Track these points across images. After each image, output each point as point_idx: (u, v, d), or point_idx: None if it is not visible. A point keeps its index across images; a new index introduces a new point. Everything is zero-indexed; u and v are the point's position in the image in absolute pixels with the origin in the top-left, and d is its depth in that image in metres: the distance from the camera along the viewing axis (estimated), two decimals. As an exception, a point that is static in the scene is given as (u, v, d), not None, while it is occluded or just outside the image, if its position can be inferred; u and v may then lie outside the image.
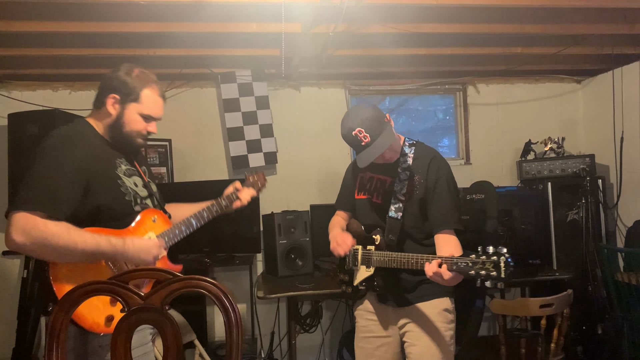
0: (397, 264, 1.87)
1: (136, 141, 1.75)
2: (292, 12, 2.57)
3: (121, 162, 1.73)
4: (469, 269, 1.57)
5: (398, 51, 3.27)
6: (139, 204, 1.73)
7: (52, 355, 1.29)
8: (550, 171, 3.65)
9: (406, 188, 1.97)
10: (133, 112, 1.71)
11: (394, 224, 1.97)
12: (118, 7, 2.56)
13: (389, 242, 1.96)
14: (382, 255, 1.94)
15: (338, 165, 3.87)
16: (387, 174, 2.04)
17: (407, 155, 2.02)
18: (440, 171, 1.96)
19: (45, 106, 3.43)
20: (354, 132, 1.84)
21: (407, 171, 1.99)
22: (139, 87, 1.71)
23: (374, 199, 2.08)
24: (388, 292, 2.04)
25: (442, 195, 1.93)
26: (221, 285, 1.30)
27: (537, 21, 2.94)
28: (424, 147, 2.07)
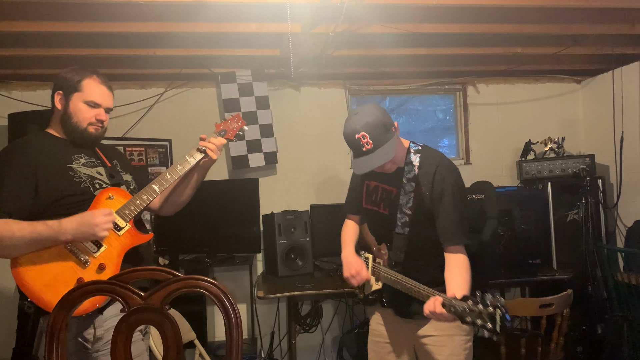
0: (401, 287, 1.81)
1: (88, 130, 1.80)
2: (292, 12, 2.57)
3: (80, 157, 1.81)
4: (465, 315, 1.51)
5: (398, 51, 3.27)
6: (100, 189, 1.78)
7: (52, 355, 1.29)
8: (550, 171, 3.65)
9: (412, 201, 1.86)
10: (77, 102, 1.78)
11: (400, 241, 1.88)
12: (118, 7, 2.56)
13: (397, 259, 1.88)
14: (388, 274, 1.89)
15: (338, 166, 3.89)
16: (393, 185, 1.93)
17: (413, 163, 1.90)
18: (446, 181, 1.84)
19: (45, 106, 3.43)
20: (357, 136, 1.75)
21: (413, 182, 1.87)
22: (78, 78, 1.79)
23: (380, 209, 1.98)
24: (399, 308, 1.95)
25: (447, 208, 1.82)
26: (221, 285, 1.30)
27: (537, 21, 2.94)
28: (430, 154, 1.94)
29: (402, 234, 1.87)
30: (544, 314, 2.39)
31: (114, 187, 1.81)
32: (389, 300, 1.95)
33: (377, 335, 2.06)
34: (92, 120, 1.80)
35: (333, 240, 3.49)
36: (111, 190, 1.79)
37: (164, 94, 3.71)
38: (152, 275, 1.33)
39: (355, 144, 1.77)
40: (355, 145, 1.78)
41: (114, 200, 1.77)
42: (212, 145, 1.92)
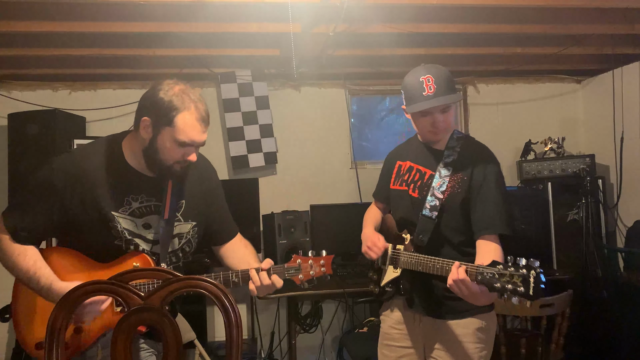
0: (423, 267, 1.68)
1: (173, 168, 1.59)
2: (292, 12, 2.56)
3: (135, 199, 1.60)
4: (494, 281, 1.38)
5: (398, 51, 3.27)
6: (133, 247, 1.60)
7: (52, 355, 1.29)
8: (550, 171, 3.65)
9: (446, 185, 1.76)
10: (166, 137, 1.54)
11: (427, 224, 1.76)
12: (118, 7, 2.56)
13: (419, 243, 1.76)
14: (409, 257, 1.76)
15: (338, 166, 3.89)
16: (429, 166, 1.84)
17: (454, 149, 1.81)
18: (489, 169, 1.76)
19: (45, 106, 3.43)
20: (422, 78, 1.70)
21: (451, 166, 1.78)
22: (173, 109, 1.52)
23: (410, 191, 1.86)
24: (417, 297, 1.84)
25: (489, 195, 1.72)
26: (221, 285, 1.30)
27: (537, 21, 2.94)
28: (473, 142, 1.87)
29: (429, 217, 1.76)
30: (544, 314, 2.39)
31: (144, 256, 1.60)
32: (406, 288, 1.82)
33: (389, 339, 1.97)
34: (179, 160, 1.57)
35: (333, 240, 3.53)
36: (140, 259, 1.58)
37: (164, 94, 3.71)
38: (152, 275, 1.33)
39: (416, 86, 1.72)
40: (415, 88, 1.73)
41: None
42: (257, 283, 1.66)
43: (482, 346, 1.78)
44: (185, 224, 1.68)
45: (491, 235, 1.69)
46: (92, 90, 3.66)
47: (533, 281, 1.33)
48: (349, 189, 3.87)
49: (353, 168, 3.89)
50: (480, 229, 1.71)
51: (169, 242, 1.63)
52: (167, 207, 1.61)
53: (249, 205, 3.40)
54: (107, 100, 3.60)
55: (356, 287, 2.88)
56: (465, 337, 1.76)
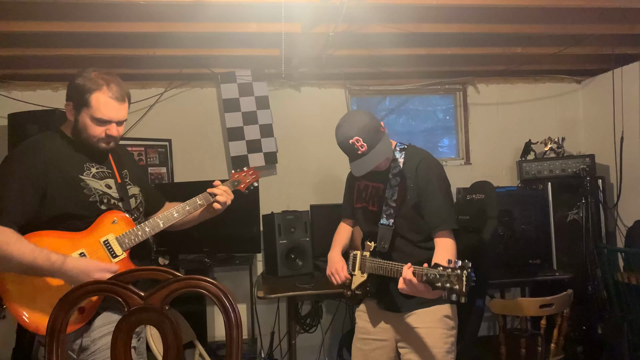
0: (383, 270, 1.90)
1: (98, 145, 1.75)
2: (292, 12, 2.57)
3: (91, 166, 1.77)
4: (436, 281, 1.57)
5: (398, 51, 3.27)
6: (106, 204, 1.75)
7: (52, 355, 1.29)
8: (550, 171, 3.65)
9: (397, 194, 1.96)
10: (86, 117, 1.71)
11: (385, 232, 1.97)
12: (118, 7, 2.56)
13: (381, 250, 1.97)
14: (372, 262, 1.97)
15: (338, 165, 3.87)
16: (381, 181, 2.04)
17: (398, 160, 2.01)
18: (430, 171, 1.95)
19: (45, 106, 3.43)
20: (351, 141, 1.84)
21: (398, 177, 1.98)
22: (89, 91, 1.70)
23: (369, 207, 2.09)
24: (383, 298, 2.04)
25: (434, 195, 1.92)
26: (221, 285, 1.30)
27: (537, 21, 2.94)
28: (414, 150, 2.05)
29: (386, 225, 1.96)
30: (544, 314, 2.39)
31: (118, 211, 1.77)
32: (373, 291, 2.03)
33: (363, 332, 2.14)
34: (101, 136, 1.73)
35: (333, 240, 3.52)
36: (117, 214, 1.76)
37: (164, 94, 3.71)
38: (152, 275, 1.33)
39: (349, 148, 1.87)
40: (350, 150, 1.88)
41: (117, 225, 1.75)
42: (221, 192, 1.99)
43: (449, 332, 1.96)
44: (135, 187, 1.91)
45: (444, 231, 1.89)
46: (92, 90, 3.65)
47: (465, 280, 1.50)
48: (349, 189, 3.87)
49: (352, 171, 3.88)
50: (434, 227, 1.91)
51: (129, 200, 1.84)
52: (117, 174, 1.84)
53: (249, 205, 3.40)
54: (107, 100, 3.60)
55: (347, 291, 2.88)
56: (434, 323, 1.95)
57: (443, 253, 1.83)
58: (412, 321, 1.98)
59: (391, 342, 2.06)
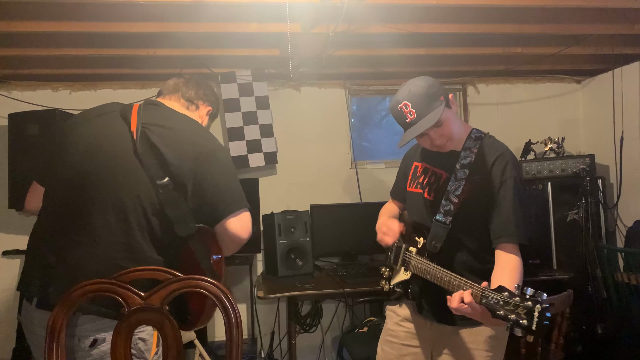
0: (431, 276, 1.65)
1: None
2: (292, 12, 2.56)
3: None
4: (498, 308, 1.33)
5: (398, 51, 3.27)
6: None
7: (52, 355, 1.29)
8: (550, 171, 3.65)
9: (462, 189, 1.69)
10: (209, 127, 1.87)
11: (440, 230, 1.70)
12: (118, 7, 2.56)
13: (432, 250, 1.71)
14: (419, 262, 1.73)
15: (338, 165, 3.89)
16: (445, 169, 1.79)
17: (471, 149, 1.74)
18: (506, 173, 1.67)
19: (45, 106, 3.43)
20: (400, 106, 1.65)
21: (467, 169, 1.71)
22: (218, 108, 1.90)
23: (425, 194, 1.82)
24: (424, 304, 1.81)
25: (507, 200, 1.63)
26: (221, 285, 1.30)
27: (537, 21, 2.94)
28: (493, 142, 1.79)
29: (442, 223, 1.70)
30: (544, 313, 2.38)
31: None
32: (415, 293, 1.79)
33: (393, 336, 1.93)
34: None
35: (333, 240, 3.53)
36: None
37: (164, 94, 3.70)
38: (152, 275, 1.33)
39: (399, 115, 1.67)
40: (399, 117, 1.68)
41: None
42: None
43: (492, 355, 1.74)
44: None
45: (509, 244, 1.62)
46: (92, 90, 3.66)
47: (537, 316, 1.26)
48: (349, 189, 3.87)
49: (353, 168, 3.88)
50: (499, 236, 1.63)
51: None
52: None
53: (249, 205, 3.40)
54: (107, 100, 3.52)
55: (356, 287, 2.88)
56: (476, 345, 1.72)
57: (507, 273, 1.56)
58: (453, 339, 1.76)
59: (425, 351, 1.85)
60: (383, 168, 3.91)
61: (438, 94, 1.68)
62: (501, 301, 1.33)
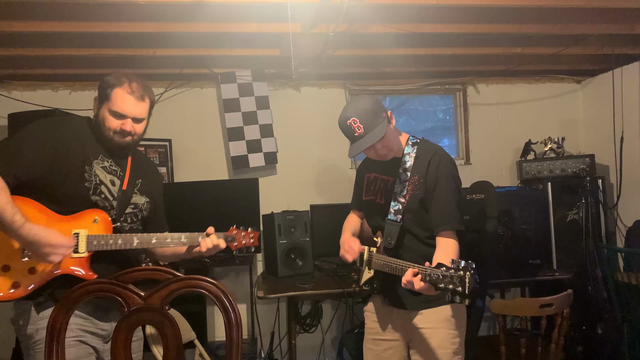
0: (389, 268, 1.86)
1: (114, 139, 1.78)
2: (292, 12, 2.56)
3: (105, 159, 1.80)
4: (439, 282, 1.53)
5: (398, 51, 3.27)
6: (98, 196, 1.74)
7: (52, 355, 1.29)
8: (550, 171, 3.65)
9: (406, 189, 1.93)
10: (104, 111, 1.78)
11: (392, 228, 1.94)
12: (118, 7, 2.56)
13: (388, 246, 1.94)
14: (379, 259, 1.95)
15: (338, 165, 3.89)
16: (390, 174, 2.02)
17: (409, 154, 1.97)
18: (441, 168, 1.90)
19: (45, 106, 3.43)
20: (349, 122, 1.84)
21: (408, 171, 1.95)
22: (111, 86, 1.79)
23: (377, 199, 2.06)
24: (389, 295, 2.02)
25: (442, 193, 1.88)
26: (221, 285, 1.30)
27: (537, 21, 2.94)
28: (427, 145, 2.01)
29: (394, 221, 1.94)
30: (544, 314, 2.39)
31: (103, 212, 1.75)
32: (380, 287, 2.01)
33: (373, 333, 2.11)
34: (116, 129, 1.77)
35: (333, 240, 3.50)
36: (100, 215, 1.74)
37: (164, 94, 3.71)
38: (152, 275, 1.33)
39: (347, 129, 1.86)
40: (348, 131, 1.87)
41: (96, 224, 1.72)
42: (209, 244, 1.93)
43: (455, 332, 1.93)
44: (141, 196, 1.90)
45: (447, 231, 1.85)
46: (92, 90, 3.65)
47: (468, 281, 1.45)
48: (349, 189, 3.83)
49: (353, 168, 3.88)
50: (437, 226, 1.87)
51: (124, 210, 1.83)
52: (126, 180, 1.85)
53: (249, 205, 3.40)
54: (107, 100, 3.60)
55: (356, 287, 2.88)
56: (439, 324, 1.92)
57: (444, 254, 1.80)
58: (418, 321, 1.95)
59: (402, 342, 2.04)
60: (383, 168, 3.91)
61: (381, 111, 1.89)
62: (440, 275, 1.53)
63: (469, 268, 1.49)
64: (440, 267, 1.56)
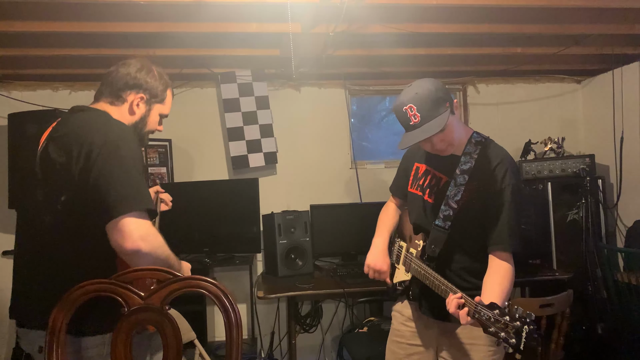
0: (429, 282, 1.70)
1: (146, 137, 1.79)
2: (292, 12, 2.56)
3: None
4: (489, 325, 1.39)
5: (398, 51, 3.27)
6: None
7: (52, 355, 1.29)
8: (550, 171, 3.65)
9: (461, 194, 1.71)
10: (156, 113, 1.75)
11: (439, 235, 1.73)
12: (118, 7, 2.56)
13: (431, 254, 1.75)
14: (419, 267, 1.77)
15: (338, 165, 3.89)
16: (445, 172, 1.80)
17: (471, 155, 1.74)
18: (506, 180, 1.68)
19: (45, 106, 3.43)
20: (405, 108, 1.63)
21: (466, 174, 1.72)
22: (163, 88, 1.74)
23: (425, 196, 1.84)
24: (428, 305, 1.84)
25: (503, 209, 1.66)
26: (221, 285, 1.30)
27: (537, 21, 2.94)
28: (493, 147, 1.78)
29: (441, 228, 1.73)
30: (544, 314, 2.38)
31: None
32: (415, 294, 1.84)
33: (399, 336, 1.97)
34: (156, 130, 1.79)
35: (333, 240, 3.53)
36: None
37: (164, 94, 3.70)
38: (152, 275, 1.33)
39: (403, 116, 1.66)
40: (403, 119, 1.67)
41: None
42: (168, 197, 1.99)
43: (494, 349, 1.76)
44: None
45: (502, 252, 1.66)
46: (92, 90, 3.60)
47: (525, 336, 1.32)
48: (349, 189, 3.88)
49: (353, 168, 3.89)
50: (494, 243, 1.67)
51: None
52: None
53: (249, 205, 3.41)
54: (107, 100, 3.60)
55: (356, 287, 2.88)
56: (478, 340, 1.75)
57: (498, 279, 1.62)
58: (458, 334, 1.79)
59: (431, 351, 1.88)
60: (383, 168, 3.91)
61: (444, 100, 1.65)
62: (492, 318, 1.39)
63: (527, 321, 1.33)
64: (494, 310, 1.39)
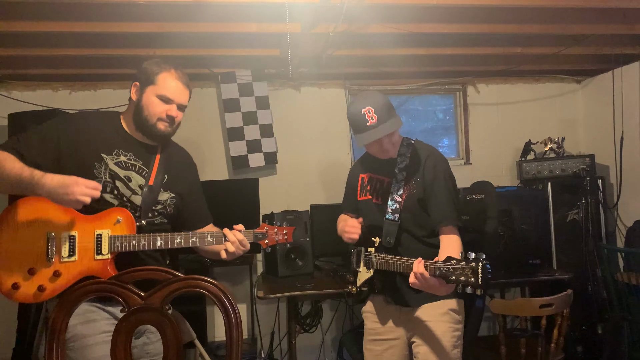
0: (391, 266, 1.90)
1: (157, 126, 1.77)
2: (292, 12, 2.57)
3: (123, 154, 1.76)
4: (450, 274, 1.60)
5: (398, 51, 3.27)
6: (111, 193, 1.71)
7: (52, 355, 1.29)
8: (550, 171, 3.65)
9: (403, 189, 1.98)
10: (150, 95, 1.76)
11: (391, 227, 1.97)
12: (118, 7, 2.56)
13: (387, 245, 1.97)
14: (379, 258, 1.97)
15: (338, 165, 3.89)
16: (386, 174, 2.06)
17: (405, 155, 2.03)
18: (438, 168, 1.97)
19: (45, 106, 3.43)
20: (364, 110, 1.86)
21: (404, 171, 2.00)
22: (155, 71, 1.78)
23: (374, 199, 2.09)
24: (390, 293, 2.04)
25: (440, 191, 1.94)
26: (221, 285, 1.30)
27: (537, 21, 2.94)
28: (421, 146, 2.07)
29: (392, 221, 1.97)
30: (544, 314, 2.39)
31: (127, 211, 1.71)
32: (380, 287, 2.03)
33: (373, 334, 2.12)
34: (162, 116, 1.76)
35: (333, 240, 3.51)
36: (124, 214, 1.70)
37: (164, 94, 3.70)
38: (152, 275, 1.33)
39: (360, 118, 1.88)
40: (359, 120, 1.89)
41: (119, 225, 1.69)
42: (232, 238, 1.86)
43: (457, 326, 1.98)
44: (165, 193, 1.85)
45: (448, 227, 1.91)
46: (92, 90, 3.66)
47: (481, 272, 1.53)
48: (349, 189, 3.87)
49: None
50: (439, 221, 1.93)
51: (151, 206, 1.79)
52: (153, 175, 1.81)
53: (249, 205, 3.40)
54: (107, 100, 3.59)
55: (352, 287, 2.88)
56: (440, 317, 1.96)
57: (450, 249, 1.84)
58: (419, 315, 1.99)
59: (403, 340, 2.06)
60: (383, 168, 3.91)
61: (393, 108, 1.95)
62: (451, 268, 1.60)
63: (480, 259, 1.54)
64: (450, 261, 1.61)
